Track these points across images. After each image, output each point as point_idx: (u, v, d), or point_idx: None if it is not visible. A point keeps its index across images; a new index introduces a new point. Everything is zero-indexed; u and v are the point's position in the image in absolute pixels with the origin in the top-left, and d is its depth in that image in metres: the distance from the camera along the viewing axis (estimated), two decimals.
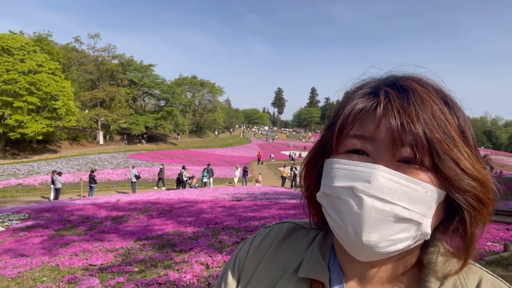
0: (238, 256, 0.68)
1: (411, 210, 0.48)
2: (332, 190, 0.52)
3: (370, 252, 0.50)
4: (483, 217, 0.52)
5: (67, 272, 5.19)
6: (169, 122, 50.72)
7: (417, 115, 0.48)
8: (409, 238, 0.50)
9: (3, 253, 6.41)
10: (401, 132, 0.48)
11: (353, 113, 0.52)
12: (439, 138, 0.48)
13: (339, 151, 0.54)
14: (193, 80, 62.82)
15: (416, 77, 0.54)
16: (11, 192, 18.59)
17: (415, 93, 0.50)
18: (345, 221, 0.50)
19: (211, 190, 18.61)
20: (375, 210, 0.47)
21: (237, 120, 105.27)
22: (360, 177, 0.49)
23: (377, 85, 0.54)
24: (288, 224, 0.69)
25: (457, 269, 0.53)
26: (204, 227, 7.85)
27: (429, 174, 0.49)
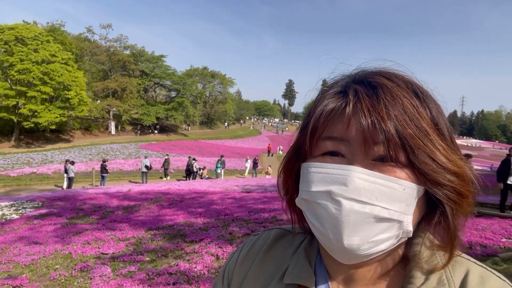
0: (227, 266, 0.68)
1: (391, 209, 0.47)
2: (310, 195, 0.51)
3: (353, 255, 0.49)
4: (464, 209, 0.51)
5: (79, 260, 5.26)
6: (180, 113, 50.89)
7: (388, 112, 0.47)
8: (391, 237, 0.49)
9: (18, 240, 6.52)
10: (372, 131, 0.47)
11: (324, 114, 0.51)
12: (411, 133, 0.47)
13: (314, 154, 0.53)
14: (204, 71, 62.74)
15: (385, 72, 0.53)
16: (25, 181, 18.93)
17: (384, 89, 0.49)
18: (325, 226, 0.49)
19: (221, 182, 18.67)
20: (354, 213, 0.47)
21: (248, 112, 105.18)
22: (337, 180, 0.48)
23: (347, 83, 0.53)
24: (275, 230, 0.69)
25: (443, 263, 0.52)
26: (214, 218, 7.87)
27: (406, 170, 0.48)
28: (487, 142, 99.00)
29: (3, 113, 31.11)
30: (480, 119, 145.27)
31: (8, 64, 31.20)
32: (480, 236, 5.85)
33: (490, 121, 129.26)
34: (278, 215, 7.67)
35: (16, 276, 4.64)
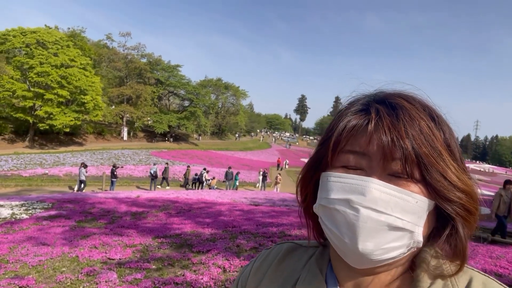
0: (240, 278, 0.72)
1: (404, 219, 0.51)
2: (328, 201, 0.55)
3: (366, 259, 0.52)
4: (471, 225, 0.55)
5: (86, 264, 5.24)
6: (191, 123, 51.28)
7: (406, 131, 0.51)
8: (403, 246, 0.52)
9: (26, 240, 6.55)
10: (391, 147, 0.51)
11: (347, 129, 0.55)
12: (426, 152, 0.51)
13: (334, 165, 0.57)
14: (218, 82, 63.35)
15: (404, 94, 0.57)
16: (36, 181, 19.14)
17: (403, 110, 0.54)
18: (341, 231, 0.53)
19: (230, 193, 18.61)
20: (371, 220, 0.50)
21: (259, 124, 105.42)
22: (355, 190, 0.52)
23: (368, 102, 0.58)
24: (288, 244, 0.73)
25: (451, 272, 0.55)
26: (222, 229, 7.81)
27: (419, 185, 0.52)
28: (501, 168, 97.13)
29: (20, 114, 31.73)
30: (494, 144, 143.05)
31: (28, 66, 31.96)
32: (495, 265, 5.67)
33: (504, 147, 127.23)
34: (287, 230, 7.57)
35: (23, 276, 4.64)
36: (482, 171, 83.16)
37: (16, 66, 32.27)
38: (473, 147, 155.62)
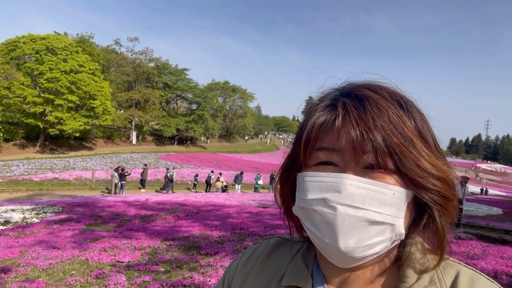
0: (227, 272, 0.72)
1: (383, 213, 0.50)
2: (306, 203, 0.54)
3: (349, 258, 0.52)
4: (450, 212, 0.54)
5: (95, 267, 5.29)
6: (199, 126, 51.49)
7: (374, 122, 0.50)
8: (385, 240, 0.52)
9: (37, 244, 6.63)
10: (361, 141, 0.50)
11: (316, 126, 0.54)
12: (397, 142, 0.50)
13: (308, 164, 0.56)
14: (225, 85, 63.56)
15: (371, 85, 0.56)
16: (47, 186, 19.38)
17: (370, 101, 0.52)
18: (321, 231, 0.52)
19: (238, 196, 18.62)
20: (349, 217, 0.50)
21: (267, 126, 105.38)
22: (331, 188, 0.51)
23: (336, 96, 0.57)
24: (275, 239, 0.72)
25: (434, 264, 0.54)
26: (230, 231, 7.82)
27: (395, 176, 0.51)
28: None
29: (30, 119, 32.20)
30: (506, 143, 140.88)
31: (38, 72, 32.45)
32: (507, 265, 5.58)
33: None
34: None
35: (33, 280, 4.70)
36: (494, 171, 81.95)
37: (27, 72, 32.80)
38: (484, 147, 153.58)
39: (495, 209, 18.04)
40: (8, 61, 32.66)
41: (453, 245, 6.98)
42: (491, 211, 16.88)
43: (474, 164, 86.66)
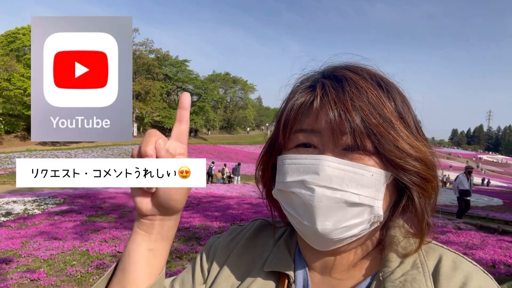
0: (213, 246, 0.70)
1: (361, 194, 0.50)
2: (285, 185, 0.54)
3: (327, 240, 0.51)
4: (429, 193, 0.53)
5: (96, 257, 5.32)
6: (200, 118, 51.46)
7: (353, 103, 0.49)
8: (363, 222, 0.51)
9: (38, 235, 6.67)
10: (339, 122, 0.49)
11: (294, 108, 0.54)
12: (375, 122, 0.49)
13: (288, 146, 0.55)
14: (226, 76, 63.34)
15: (351, 66, 0.55)
16: None
17: (349, 82, 0.51)
18: (300, 213, 0.52)
19: (238, 187, 18.68)
20: (326, 198, 0.49)
21: (268, 118, 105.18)
22: (309, 170, 0.51)
23: (316, 78, 0.56)
24: (260, 221, 0.72)
25: (416, 247, 0.54)
26: (230, 223, 7.84)
27: (373, 157, 0.51)
28: None
29: None
30: (508, 134, 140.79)
31: None
32: (505, 255, 5.60)
33: None
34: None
35: (34, 270, 4.73)
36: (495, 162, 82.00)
37: (27, 64, 32.68)
38: (485, 138, 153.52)
39: (495, 199, 18.10)
40: (8, 52, 32.54)
41: (452, 235, 7.01)
42: (491, 202, 16.93)
43: (476, 155, 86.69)
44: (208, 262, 0.68)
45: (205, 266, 0.67)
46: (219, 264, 0.66)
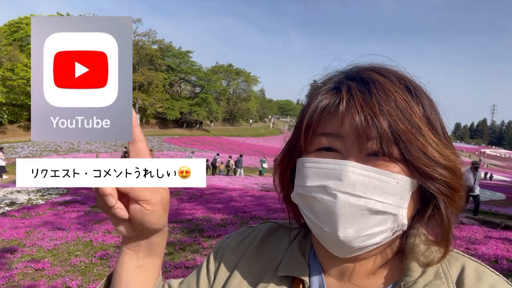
0: (220, 248, 0.68)
1: (385, 202, 0.48)
2: (305, 190, 0.52)
3: (348, 248, 0.50)
4: (456, 203, 0.51)
5: (99, 248, 5.37)
6: (203, 109, 51.42)
7: (380, 108, 0.47)
8: (386, 230, 0.49)
9: (42, 225, 6.73)
10: (365, 127, 0.48)
11: (318, 110, 0.52)
12: (403, 128, 0.47)
13: (309, 150, 0.54)
14: (229, 68, 63.12)
15: (378, 67, 0.53)
16: None
17: (377, 85, 0.49)
18: (320, 219, 0.50)
19: (241, 179, 18.73)
20: (349, 205, 0.47)
21: (271, 110, 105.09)
22: (332, 175, 0.49)
23: (340, 79, 0.54)
24: (269, 224, 0.70)
25: (439, 257, 0.52)
26: (233, 215, 7.89)
27: (399, 164, 0.49)
28: None
29: None
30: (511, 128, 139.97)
31: None
32: (507, 250, 5.61)
33: None
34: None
35: (38, 260, 4.79)
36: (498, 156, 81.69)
37: (30, 54, 32.66)
38: (489, 132, 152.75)
39: (498, 194, 18.04)
40: (11, 42, 32.52)
41: (455, 230, 6.97)
42: (494, 196, 16.87)
43: (479, 149, 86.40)
44: (215, 264, 0.66)
45: (212, 269, 0.66)
46: (229, 268, 0.64)
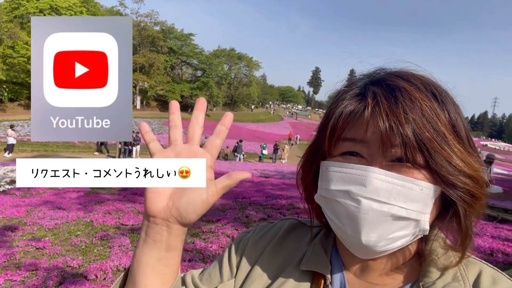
0: (242, 240, 0.70)
1: (408, 209, 0.49)
2: (329, 193, 0.53)
3: (370, 251, 0.51)
4: (476, 211, 0.52)
5: (100, 229, 5.43)
6: (204, 93, 51.11)
7: (406, 116, 0.48)
8: (408, 235, 0.51)
9: (42, 204, 6.79)
10: (390, 134, 0.48)
11: (343, 116, 0.52)
12: (429, 137, 0.48)
13: (333, 154, 0.55)
14: (231, 52, 62.45)
15: (404, 73, 0.54)
16: (52, 147, 19.59)
17: (403, 92, 0.50)
18: (343, 222, 0.52)
19: (240, 165, 18.80)
20: (373, 211, 0.48)
21: (272, 96, 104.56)
22: (355, 180, 0.50)
23: (365, 84, 0.54)
24: (290, 221, 0.71)
25: (456, 261, 0.54)
26: (232, 200, 7.94)
27: (423, 171, 0.49)
28: None
29: None
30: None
31: None
32: (503, 244, 5.67)
33: None
34: (295, 202, 7.66)
35: (39, 239, 4.85)
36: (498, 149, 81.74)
37: (31, 32, 32.30)
38: (489, 125, 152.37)
39: (495, 187, 18.06)
40: (12, 19, 32.11)
41: None
42: (491, 190, 16.92)
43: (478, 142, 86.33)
44: (237, 257, 0.67)
45: (234, 261, 0.67)
46: (250, 262, 0.66)
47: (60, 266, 3.98)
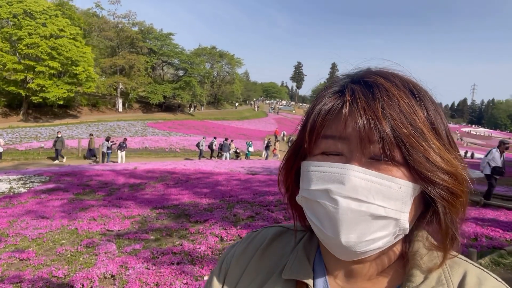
0: (225, 258, 0.69)
1: (387, 207, 0.49)
2: (309, 193, 0.53)
3: (351, 252, 0.50)
4: (457, 209, 0.52)
5: (85, 236, 5.32)
6: (187, 93, 50.66)
7: (383, 111, 0.48)
8: (388, 235, 0.50)
9: (25, 214, 6.61)
10: (367, 130, 0.48)
11: (322, 113, 0.52)
12: (406, 133, 0.48)
13: (313, 152, 0.54)
14: (212, 50, 62.07)
15: (383, 71, 0.54)
16: (33, 155, 19.11)
17: (380, 89, 0.50)
18: (323, 224, 0.51)
19: (227, 163, 18.73)
20: (351, 211, 0.48)
21: (255, 93, 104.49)
22: (334, 179, 0.49)
23: (345, 82, 0.54)
24: (275, 228, 0.70)
25: (439, 263, 0.53)
26: (219, 199, 7.91)
27: (402, 169, 0.49)
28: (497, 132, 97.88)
29: (12, 87, 31.16)
30: (490, 107, 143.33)
31: (17, 37, 31.04)
32: (487, 228, 5.81)
33: (500, 110, 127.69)
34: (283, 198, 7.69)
35: (23, 250, 4.72)
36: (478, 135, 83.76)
37: (4, 37, 31.35)
38: (469, 111, 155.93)
39: (477, 172, 18.50)
40: None
41: None
42: (473, 175, 17.17)
43: (459, 129, 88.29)
44: (221, 278, 0.67)
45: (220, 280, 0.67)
46: (234, 280, 0.65)
47: (45, 277, 3.88)
